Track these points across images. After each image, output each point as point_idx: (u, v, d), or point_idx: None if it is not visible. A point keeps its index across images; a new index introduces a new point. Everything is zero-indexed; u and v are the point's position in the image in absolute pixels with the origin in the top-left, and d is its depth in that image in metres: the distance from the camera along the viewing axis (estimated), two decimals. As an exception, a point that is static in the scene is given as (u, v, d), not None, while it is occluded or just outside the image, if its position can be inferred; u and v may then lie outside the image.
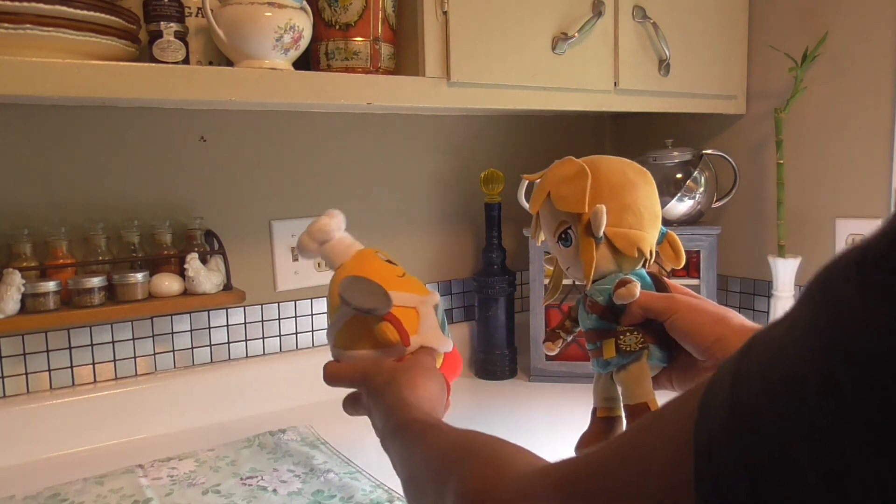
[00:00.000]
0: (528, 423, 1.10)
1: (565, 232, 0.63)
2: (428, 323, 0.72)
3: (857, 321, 0.22)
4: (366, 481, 0.89)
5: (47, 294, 0.92)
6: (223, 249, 1.06)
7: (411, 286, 0.75)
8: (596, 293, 0.62)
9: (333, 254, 0.76)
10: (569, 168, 0.63)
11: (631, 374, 0.60)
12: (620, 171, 0.63)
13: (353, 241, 0.78)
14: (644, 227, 0.61)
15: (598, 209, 0.59)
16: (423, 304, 0.73)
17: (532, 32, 1.03)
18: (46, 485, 0.89)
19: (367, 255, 0.76)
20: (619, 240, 0.60)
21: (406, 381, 0.63)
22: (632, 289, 0.58)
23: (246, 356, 1.18)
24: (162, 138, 1.08)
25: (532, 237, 0.70)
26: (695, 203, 1.27)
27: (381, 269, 0.74)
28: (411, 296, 0.73)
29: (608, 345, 0.61)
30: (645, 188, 0.63)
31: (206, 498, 0.86)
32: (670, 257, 0.65)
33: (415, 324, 0.71)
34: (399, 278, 0.74)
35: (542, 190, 0.64)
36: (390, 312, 0.69)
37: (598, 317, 0.62)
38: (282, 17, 0.86)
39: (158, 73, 0.80)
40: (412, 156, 1.32)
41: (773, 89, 1.30)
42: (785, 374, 0.24)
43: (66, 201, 1.01)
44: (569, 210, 0.62)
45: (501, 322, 1.30)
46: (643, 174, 0.64)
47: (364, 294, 0.70)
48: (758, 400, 0.25)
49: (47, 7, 0.75)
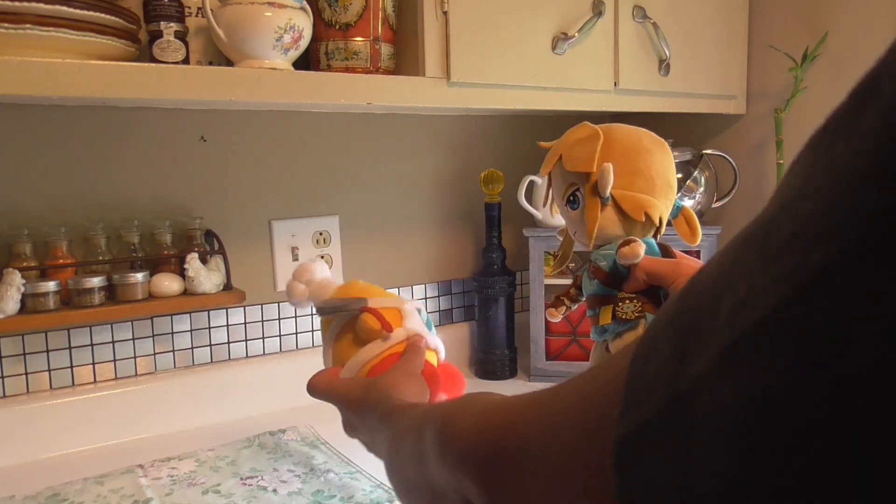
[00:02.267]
0: (528, 423, 1.10)
1: (573, 194, 0.62)
2: (412, 320, 0.72)
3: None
4: (366, 481, 0.89)
5: (47, 294, 0.92)
6: (223, 249, 1.06)
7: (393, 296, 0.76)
8: (599, 258, 0.61)
9: (319, 290, 0.77)
10: (581, 131, 0.62)
11: (625, 341, 0.59)
12: (635, 137, 0.61)
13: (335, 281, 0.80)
14: (655, 193, 0.60)
15: (605, 167, 0.58)
16: (405, 304, 0.74)
17: (532, 32, 1.04)
18: (46, 485, 0.89)
19: (349, 282, 0.78)
20: (626, 202, 0.59)
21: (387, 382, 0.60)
22: (635, 248, 0.57)
23: (246, 356, 1.18)
24: (162, 138, 1.08)
25: (544, 206, 0.69)
26: (695, 203, 1.27)
27: (363, 287, 0.75)
28: (392, 299, 0.74)
29: (605, 311, 0.61)
30: (660, 155, 0.61)
31: (206, 498, 0.86)
32: (685, 233, 0.64)
33: (398, 319, 0.72)
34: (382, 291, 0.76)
35: (555, 153, 0.63)
36: (368, 306, 0.70)
37: (600, 282, 0.61)
38: (282, 17, 0.86)
39: (158, 73, 0.80)
40: (412, 156, 1.32)
41: (773, 89, 1.30)
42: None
43: (66, 201, 1.01)
44: (577, 170, 0.60)
45: (501, 322, 1.30)
46: (660, 143, 0.62)
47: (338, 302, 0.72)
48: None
49: (47, 7, 0.75)
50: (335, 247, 1.24)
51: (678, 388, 0.21)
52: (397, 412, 0.53)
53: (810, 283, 0.18)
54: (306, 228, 1.21)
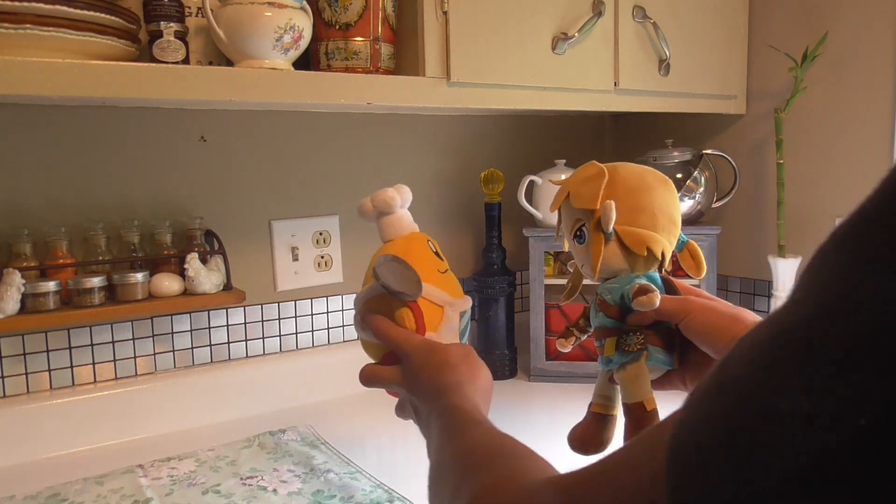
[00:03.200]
0: (528, 422, 1.10)
1: (580, 229, 0.64)
2: (449, 326, 0.72)
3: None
4: (366, 481, 0.89)
5: (47, 294, 0.92)
6: (223, 249, 1.06)
7: (448, 285, 0.74)
8: (605, 291, 0.63)
9: (388, 228, 0.76)
10: (588, 170, 0.65)
11: (629, 373, 0.61)
12: (639, 175, 0.64)
13: (410, 222, 0.77)
14: (657, 228, 0.62)
15: (607, 205, 0.61)
16: (452, 306, 0.73)
17: (532, 32, 1.03)
18: (46, 485, 0.89)
19: (418, 239, 0.75)
20: (629, 237, 0.61)
21: (466, 370, 0.63)
22: (653, 298, 0.59)
23: (246, 356, 1.18)
24: (162, 138, 1.08)
25: (556, 239, 0.71)
26: (695, 203, 1.27)
27: (425, 258, 0.73)
28: (443, 294, 0.72)
29: (610, 343, 0.62)
30: (663, 193, 0.63)
31: (206, 498, 0.86)
32: (690, 266, 0.66)
33: (436, 322, 0.71)
34: (439, 273, 0.74)
35: (563, 190, 0.66)
36: (416, 301, 0.69)
37: (606, 315, 0.63)
38: (282, 17, 0.86)
39: (158, 73, 0.80)
40: (412, 156, 1.32)
41: (773, 89, 1.30)
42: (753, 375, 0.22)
43: (66, 201, 1.01)
44: (582, 206, 0.63)
45: (501, 322, 1.30)
46: (663, 181, 0.65)
47: (397, 276, 0.69)
48: (732, 403, 0.23)
49: (47, 7, 0.75)
50: (335, 247, 1.24)
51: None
52: (455, 419, 0.55)
53: (889, 412, 0.17)
54: (306, 228, 1.21)
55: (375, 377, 0.70)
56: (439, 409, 0.58)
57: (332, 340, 1.25)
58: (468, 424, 0.54)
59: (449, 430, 0.55)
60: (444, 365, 0.64)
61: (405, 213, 0.77)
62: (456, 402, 0.58)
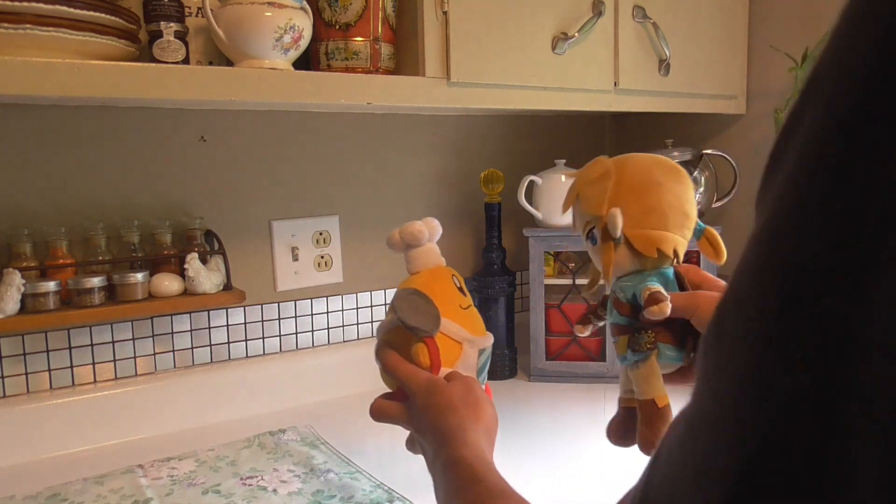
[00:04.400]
0: (528, 422, 1.10)
1: (591, 231, 0.64)
2: (467, 363, 0.72)
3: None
4: (366, 481, 0.89)
5: (47, 294, 0.92)
6: (223, 249, 1.06)
7: (469, 321, 0.74)
8: (618, 290, 0.64)
9: (414, 260, 0.76)
10: (594, 170, 0.65)
11: (640, 372, 0.62)
12: (646, 172, 0.64)
13: (437, 256, 0.77)
14: (669, 227, 0.62)
15: (612, 214, 0.61)
16: (471, 343, 0.72)
17: (532, 32, 1.04)
18: (46, 485, 0.89)
19: (443, 274, 0.75)
20: (638, 241, 0.61)
21: (468, 412, 0.63)
22: (664, 308, 0.60)
23: (246, 356, 1.18)
24: (162, 138, 1.08)
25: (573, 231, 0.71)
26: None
27: (448, 293, 0.73)
28: (462, 330, 0.72)
29: (622, 341, 0.63)
30: (673, 187, 0.63)
31: (206, 498, 0.86)
32: (710, 254, 0.66)
33: (453, 358, 0.71)
34: (461, 309, 0.74)
35: (573, 191, 0.67)
36: (432, 337, 0.69)
37: (619, 313, 0.64)
38: (282, 17, 0.86)
39: (158, 73, 0.80)
40: (412, 156, 1.32)
41: (773, 89, 1.30)
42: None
43: (66, 201, 1.01)
44: (590, 212, 0.63)
45: (501, 322, 1.30)
46: (673, 173, 0.64)
47: (415, 311, 0.69)
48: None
49: (47, 7, 0.75)
50: (335, 247, 1.24)
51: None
52: (460, 473, 0.57)
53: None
54: (306, 228, 1.21)
55: (383, 413, 0.70)
56: (443, 459, 0.59)
57: (332, 340, 1.25)
58: (470, 486, 0.55)
59: (453, 490, 0.56)
60: (446, 407, 0.63)
61: (433, 246, 0.78)
62: (459, 452, 0.58)
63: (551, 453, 0.98)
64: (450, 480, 0.57)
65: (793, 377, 0.21)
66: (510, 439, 0.99)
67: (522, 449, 0.99)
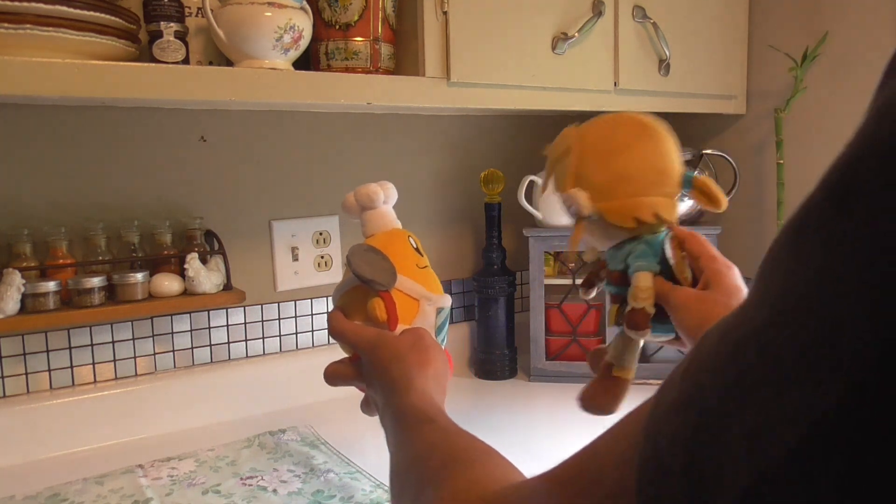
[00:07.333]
0: (528, 423, 1.10)
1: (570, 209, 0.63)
2: (425, 320, 0.70)
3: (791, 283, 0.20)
4: (366, 481, 0.89)
5: (47, 294, 0.92)
6: (223, 249, 1.06)
7: (426, 280, 0.73)
8: (609, 260, 0.63)
9: (370, 223, 0.75)
10: (559, 145, 0.63)
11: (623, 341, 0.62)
12: (609, 136, 0.60)
13: (393, 219, 0.76)
14: (642, 191, 0.58)
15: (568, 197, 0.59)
16: (429, 300, 0.71)
17: (532, 32, 1.04)
18: (46, 485, 0.89)
19: (398, 235, 0.75)
20: (612, 214, 0.58)
21: (415, 359, 0.61)
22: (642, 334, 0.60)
23: (246, 356, 1.18)
24: (162, 138, 1.08)
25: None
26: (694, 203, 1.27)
27: (404, 252, 0.72)
28: (420, 287, 0.71)
29: (612, 311, 0.64)
30: (641, 147, 0.59)
31: (206, 498, 0.86)
32: (706, 204, 0.62)
33: (411, 316, 0.70)
34: (418, 268, 0.73)
35: (548, 172, 0.65)
36: (388, 292, 0.67)
37: (609, 281, 0.64)
38: (282, 17, 0.86)
39: (158, 73, 0.80)
40: (412, 156, 1.32)
41: (773, 89, 1.30)
42: (727, 349, 0.22)
43: (66, 201, 1.01)
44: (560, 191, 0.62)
45: (501, 322, 1.30)
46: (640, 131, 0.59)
47: (369, 265, 0.68)
48: (701, 378, 0.23)
49: (47, 7, 0.75)
50: (335, 247, 1.24)
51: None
52: (407, 419, 0.54)
53: (825, 422, 0.18)
54: (306, 228, 1.21)
55: (336, 375, 0.69)
56: (392, 408, 0.57)
57: (331, 340, 1.25)
58: (419, 426, 0.53)
59: (401, 433, 0.53)
60: (393, 357, 0.61)
61: (388, 209, 0.77)
62: (406, 399, 0.56)
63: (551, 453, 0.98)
64: (398, 427, 0.54)
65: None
66: (510, 439, 0.98)
67: (522, 449, 0.99)
